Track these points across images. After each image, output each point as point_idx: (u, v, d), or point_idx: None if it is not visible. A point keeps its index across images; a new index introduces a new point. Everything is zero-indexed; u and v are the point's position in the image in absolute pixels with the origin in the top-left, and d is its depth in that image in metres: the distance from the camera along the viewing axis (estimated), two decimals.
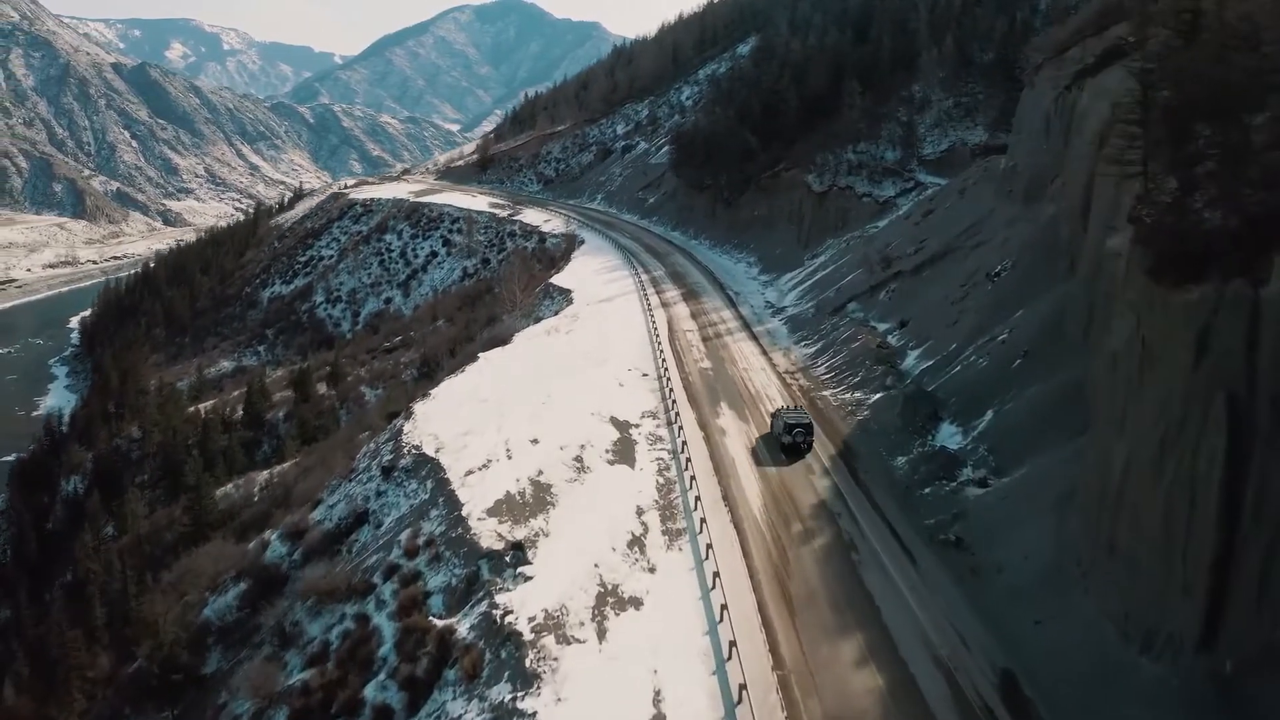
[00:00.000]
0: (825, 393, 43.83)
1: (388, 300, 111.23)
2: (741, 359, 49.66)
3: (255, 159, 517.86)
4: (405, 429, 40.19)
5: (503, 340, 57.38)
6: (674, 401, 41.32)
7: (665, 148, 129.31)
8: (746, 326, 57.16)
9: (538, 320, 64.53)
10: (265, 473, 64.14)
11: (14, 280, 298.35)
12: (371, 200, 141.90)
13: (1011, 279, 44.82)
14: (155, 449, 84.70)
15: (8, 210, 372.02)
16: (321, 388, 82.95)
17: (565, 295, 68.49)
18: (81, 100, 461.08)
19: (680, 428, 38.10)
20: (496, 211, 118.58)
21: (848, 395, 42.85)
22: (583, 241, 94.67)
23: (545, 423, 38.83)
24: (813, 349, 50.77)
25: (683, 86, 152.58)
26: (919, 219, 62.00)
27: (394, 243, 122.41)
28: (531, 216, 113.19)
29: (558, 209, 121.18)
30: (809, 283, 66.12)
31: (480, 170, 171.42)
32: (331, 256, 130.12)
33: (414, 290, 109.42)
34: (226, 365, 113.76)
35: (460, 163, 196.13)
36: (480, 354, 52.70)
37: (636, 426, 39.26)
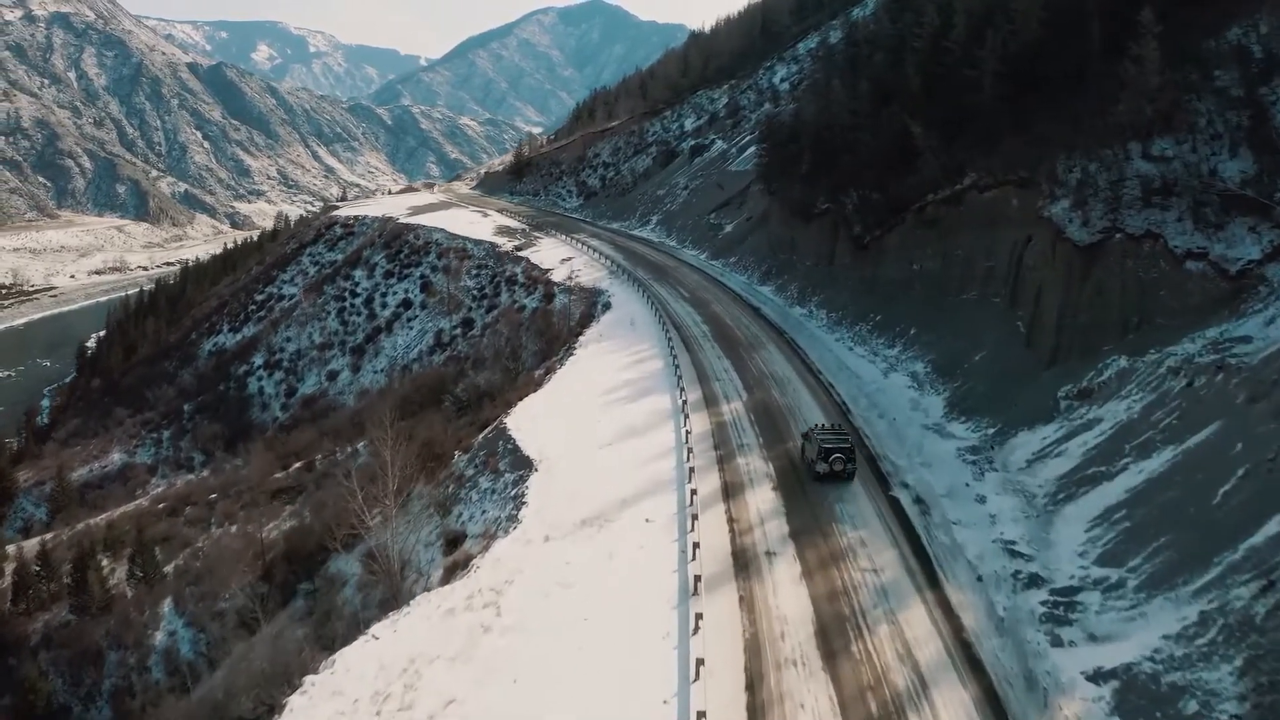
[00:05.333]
0: None
1: (332, 375, 75.18)
2: None
3: (331, 161, 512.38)
4: None
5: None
6: None
7: (750, 148, 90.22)
8: None
9: (448, 538, 26.72)
10: None
11: (53, 288, 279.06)
12: (354, 220, 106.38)
13: None
14: None
15: (68, 211, 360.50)
16: (120, 572, 46.74)
17: (520, 473, 30.38)
18: (154, 100, 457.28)
19: None
20: (500, 242, 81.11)
21: None
22: (608, 305, 56.40)
23: None
24: None
25: (775, 65, 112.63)
26: None
27: (362, 283, 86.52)
28: (546, 252, 75.38)
29: (590, 238, 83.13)
30: (1115, 493, 25.84)
31: (515, 178, 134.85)
32: (292, 296, 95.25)
33: (366, 363, 73.12)
34: (115, 459, 79.75)
35: (499, 168, 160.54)
36: None
37: None
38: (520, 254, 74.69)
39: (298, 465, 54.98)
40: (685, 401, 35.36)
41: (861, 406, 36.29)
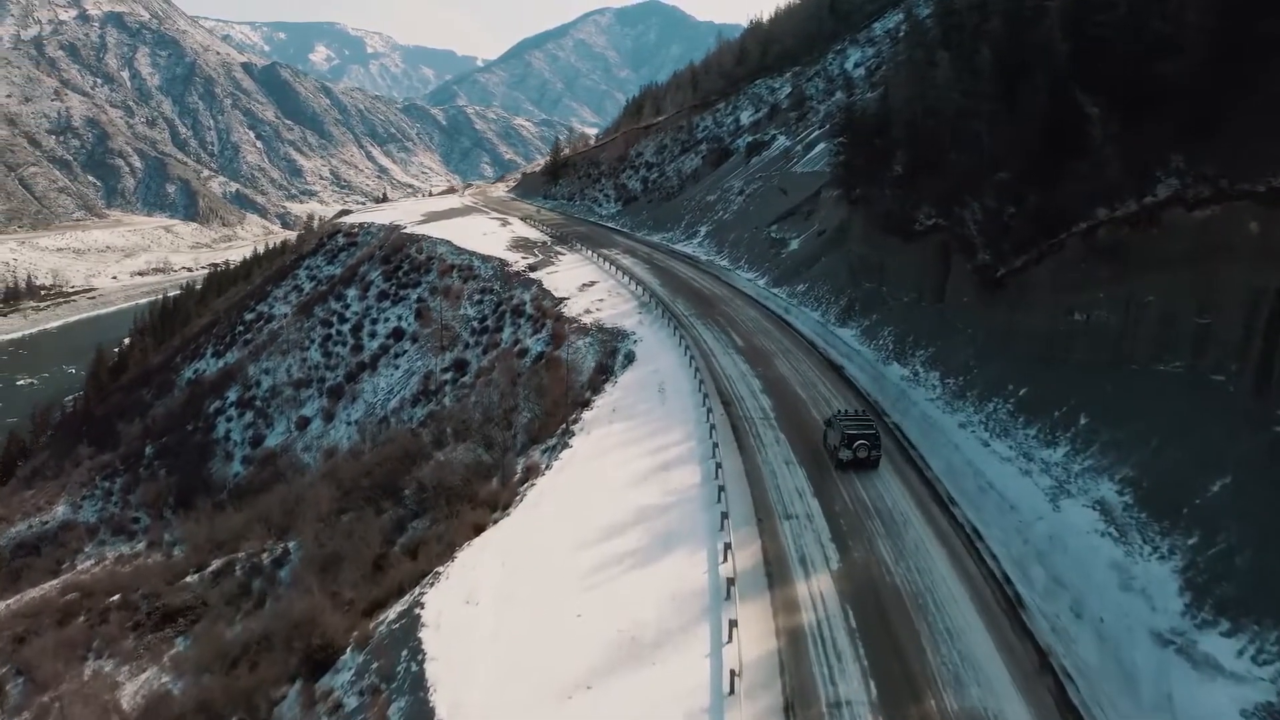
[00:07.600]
0: None
1: (303, 422, 61.66)
2: None
3: (384, 161, 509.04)
4: None
5: None
6: None
7: (820, 145, 74.74)
8: None
9: None
10: None
11: (92, 289, 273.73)
12: (358, 228, 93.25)
13: None
14: None
15: (117, 211, 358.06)
16: None
17: None
18: (207, 100, 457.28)
19: None
20: (513, 259, 66.60)
21: None
22: (631, 355, 41.56)
23: None
24: None
25: (847, 49, 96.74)
26: None
27: (353, 305, 73.04)
28: (566, 273, 60.78)
29: (622, 254, 68.32)
30: None
31: (550, 180, 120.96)
32: (281, 317, 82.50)
33: (341, 410, 59.47)
34: (59, 513, 67.57)
35: (538, 169, 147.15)
36: None
37: None
38: (534, 275, 60.23)
39: (216, 564, 41.44)
40: (732, 580, 20.27)
41: (1040, 587, 20.77)
